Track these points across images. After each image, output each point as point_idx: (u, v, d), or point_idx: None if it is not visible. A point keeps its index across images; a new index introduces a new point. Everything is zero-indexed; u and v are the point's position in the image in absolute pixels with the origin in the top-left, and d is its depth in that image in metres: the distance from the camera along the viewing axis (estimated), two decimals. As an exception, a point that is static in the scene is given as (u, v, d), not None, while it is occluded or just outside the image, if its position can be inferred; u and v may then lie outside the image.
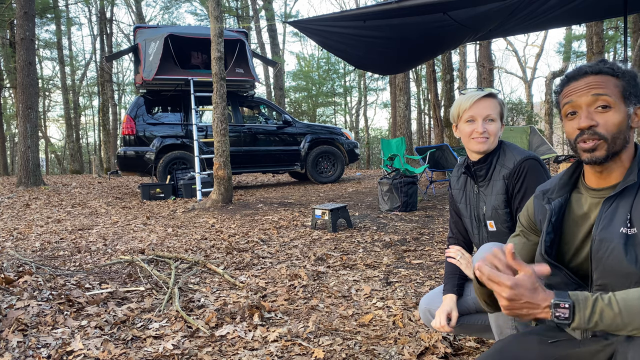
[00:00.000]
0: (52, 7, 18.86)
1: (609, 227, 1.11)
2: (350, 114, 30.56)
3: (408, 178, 5.90)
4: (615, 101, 1.11)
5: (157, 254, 3.73)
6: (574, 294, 1.00)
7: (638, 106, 1.13)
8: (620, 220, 1.10)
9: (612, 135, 1.11)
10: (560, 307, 0.97)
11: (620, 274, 1.08)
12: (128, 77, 29.40)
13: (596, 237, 1.13)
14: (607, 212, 1.12)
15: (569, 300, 0.98)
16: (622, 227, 1.09)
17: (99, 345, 2.11)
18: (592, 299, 0.98)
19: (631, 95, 1.11)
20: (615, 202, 1.12)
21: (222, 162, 6.72)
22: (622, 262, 1.07)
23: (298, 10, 64.85)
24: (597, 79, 1.12)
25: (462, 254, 1.83)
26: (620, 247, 1.08)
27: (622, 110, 1.11)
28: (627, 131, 1.12)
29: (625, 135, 1.12)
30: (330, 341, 2.12)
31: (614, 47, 18.91)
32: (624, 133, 1.12)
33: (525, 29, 6.65)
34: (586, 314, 0.97)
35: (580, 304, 0.98)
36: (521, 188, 1.66)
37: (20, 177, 10.16)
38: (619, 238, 1.08)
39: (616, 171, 1.14)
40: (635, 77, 1.12)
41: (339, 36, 5.76)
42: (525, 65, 31.39)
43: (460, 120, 1.73)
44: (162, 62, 8.37)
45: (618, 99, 1.11)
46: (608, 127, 1.11)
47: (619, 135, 1.11)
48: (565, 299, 0.98)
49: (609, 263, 1.10)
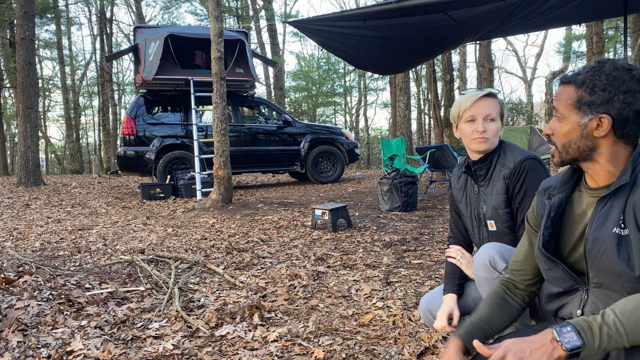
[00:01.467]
0: (52, 7, 18.85)
1: (602, 227, 1.11)
2: (350, 114, 30.56)
3: (408, 178, 5.90)
4: (565, 113, 1.15)
5: (157, 254, 3.73)
6: (576, 322, 0.98)
7: (599, 115, 1.11)
8: (613, 221, 1.10)
9: (562, 143, 1.16)
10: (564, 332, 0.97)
11: (613, 274, 1.08)
12: (128, 77, 29.41)
13: (589, 236, 1.13)
14: (600, 211, 1.13)
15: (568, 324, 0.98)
16: (615, 228, 1.09)
17: (99, 345, 2.11)
18: (597, 325, 0.96)
19: (583, 106, 1.12)
20: (609, 202, 1.12)
21: (222, 162, 6.72)
22: (615, 263, 1.07)
23: (298, 10, 64.84)
24: (560, 90, 1.17)
25: (462, 253, 1.83)
26: (613, 247, 1.08)
27: (573, 120, 1.14)
28: (581, 140, 1.14)
29: (580, 145, 1.14)
30: (330, 341, 2.12)
31: (614, 47, 18.90)
32: (577, 142, 1.14)
33: (525, 29, 6.65)
34: (595, 341, 0.96)
35: (586, 331, 0.97)
36: (521, 188, 1.66)
37: (20, 177, 10.16)
38: (611, 238, 1.09)
39: (600, 173, 1.16)
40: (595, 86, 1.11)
41: (339, 36, 5.76)
42: (525, 65, 31.40)
43: (460, 120, 1.73)
44: (162, 62, 8.37)
45: (569, 110, 1.15)
46: (558, 137, 1.17)
47: (567, 144, 1.15)
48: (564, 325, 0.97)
49: (603, 263, 1.10)
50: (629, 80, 1.08)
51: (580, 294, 1.19)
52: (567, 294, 1.22)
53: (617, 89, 1.08)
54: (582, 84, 1.12)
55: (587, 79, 1.11)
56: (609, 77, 1.09)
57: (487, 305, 1.35)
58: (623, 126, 1.09)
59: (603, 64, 1.12)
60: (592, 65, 1.13)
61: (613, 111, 1.08)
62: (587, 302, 1.16)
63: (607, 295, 1.11)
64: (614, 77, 1.08)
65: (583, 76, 1.12)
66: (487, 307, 1.35)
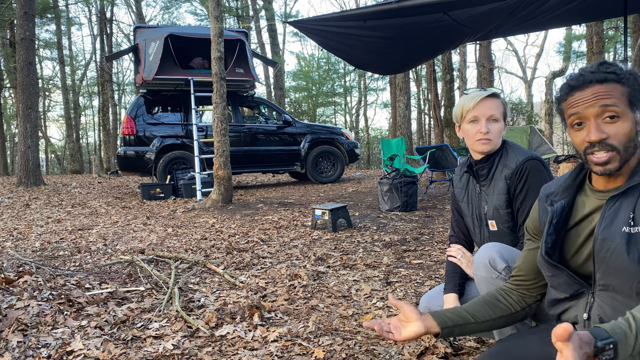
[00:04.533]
0: (52, 7, 18.86)
1: (612, 226, 1.10)
2: (350, 114, 30.56)
3: (408, 178, 5.90)
4: (624, 110, 1.09)
5: (157, 254, 3.73)
6: (612, 330, 0.93)
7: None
8: (623, 219, 1.09)
9: (624, 145, 1.09)
10: (605, 350, 0.91)
11: (623, 274, 1.07)
12: (128, 77, 29.42)
13: (599, 235, 1.12)
14: (610, 211, 1.12)
15: (612, 339, 0.92)
16: (625, 226, 1.08)
17: (99, 345, 2.10)
18: (633, 335, 0.92)
19: (637, 101, 1.09)
20: (618, 201, 1.11)
21: (222, 162, 6.72)
22: (624, 261, 1.06)
23: (298, 10, 64.88)
24: (603, 89, 1.09)
25: (463, 252, 1.83)
26: (622, 246, 1.07)
27: (630, 117, 1.10)
28: (636, 138, 1.10)
29: (635, 142, 1.10)
30: (330, 341, 2.12)
31: (614, 47, 18.91)
32: (634, 140, 1.10)
33: (525, 29, 6.65)
34: (628, 352, 0.92)
35: (622, 343, 0.92)
36: (523, 188, 1.65)
37: (20, 177, 10.16)
38: (620, 237, 1.07)
39: (624, 174, 1.13)
40: (637, 80, 1.10)
41: (339, 36, 5.76)
42: (525, 65, 31.42)
43: (463, 120, 1.72)
44: (162, 62, 8.37)
45: (625, 107, 1.09)
46: (619, 138, 1.08)
47: (629, 144, 1.09)
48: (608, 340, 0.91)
49: (612, 262, 1.09)
50: None
51: (585, 297, 1.17)
52: (571, 299, 1.20)
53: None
54: (627, 81, 1.09)
55: (625, 75, 1.09)
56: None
57: (477, 300, 1.33)
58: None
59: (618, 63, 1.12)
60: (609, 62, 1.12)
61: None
62: (593, 305, 1.14)
63: (613, 298, 1.10)
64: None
65: (619, 73, 1.10)
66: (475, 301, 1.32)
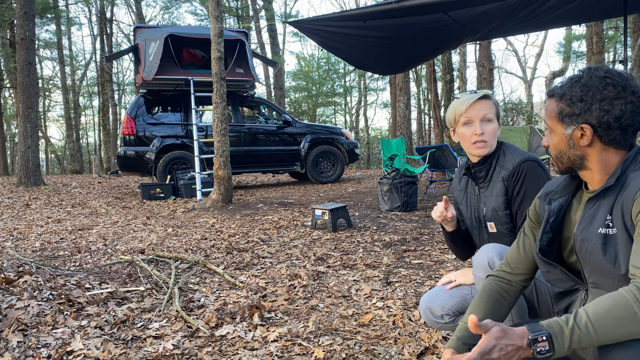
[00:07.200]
0: (52, 7, 18.85)
1: (589, 227, 1.14)
2: (350, 114, 30.55)
3: (408, 178, 5.91)
4: (551, 125, 1.19)
5: (157, 254, 3.73)
6: (548, 324, 0.98)
7: (580, 125, 1.13)
8: (599, 221, 1.12)
9: (555, 155, 1.21)
10: (538, 341, 0.97)
11: (602, 273, 1.12)
12: (128, 77, 29.40)
13: (578, 236, 1.17)
14: (589, 212, 1.16)
15: (545, 332, 0.97)
16: (601, 228, 1.11)
17: (99, 345, 2.11)
18: (568, 329, 0.97)
19: (565, 117, 1.15)
20: (597, 203, 1.15)
21: (222, 162, 6.72)
22: (602, 262, 1.10)
23: (298, 10, 64.81)
24: (547, 104, 1.20)
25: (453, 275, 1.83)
26: (599, 247, 1.11)
27: (559, 132, 1.17)
28: (570, 150, 1.16)
29: (570, 155, 1.17)
30: (330, 341, 2.12)
31: (614, 47, 18.91)
32: (567, 153, 1.17)
33: (525, 29, 6.66)
34: (565, 345, 0.96)
35: (557, 336, 0.97)
36: (520, 190, 1.66)
37: (20, 177, 10.16)
38: (597, 238, 1.12)
39: (595, 179, 1.18)
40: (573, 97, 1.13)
41: (339, 36, 5.76)
42: (525, 65, 31.39)
43: (457, 124, 1.73)
44: (162, 62, 8.37)
45: (554, 123, 1.18)
46: (551, 149, 1.22)
47: (559, 155, 1.19)
48: (540, 332, 0.97)
49: (592, 262, 1.14)
50: (604, 88, 1.10)
51: (581, 293, 1.22)
52: (570, 294, 1.25)
53: (593, 97, 1.10)
54: (561, 97, 1.15)
55: (565, 92, 1.15)
56: (583, 88, 1.12)
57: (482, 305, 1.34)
58: (607, 133, 1.11)
59: (581, 74, 1.15)
60: (572, 77, 1.17)
61: (593, 120, 1.11)
62: (586, 301, 1.19)
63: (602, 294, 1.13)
64: (588, 86, 1.11)
65: (562, 89, 1.16)
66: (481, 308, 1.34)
